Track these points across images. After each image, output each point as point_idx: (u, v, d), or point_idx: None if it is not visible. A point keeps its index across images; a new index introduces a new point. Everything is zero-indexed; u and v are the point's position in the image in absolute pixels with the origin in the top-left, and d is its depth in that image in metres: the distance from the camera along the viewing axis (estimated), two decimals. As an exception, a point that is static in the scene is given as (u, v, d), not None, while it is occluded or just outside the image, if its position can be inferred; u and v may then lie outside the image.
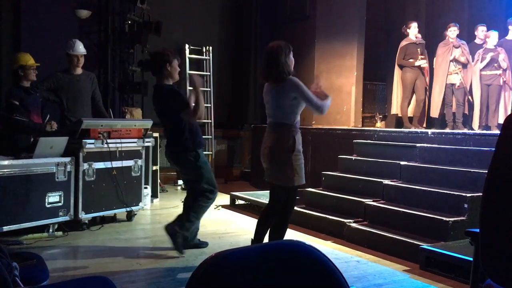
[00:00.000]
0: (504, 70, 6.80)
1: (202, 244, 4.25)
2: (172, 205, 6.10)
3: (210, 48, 8.63)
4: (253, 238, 3.73)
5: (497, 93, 6.85)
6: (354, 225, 4.71)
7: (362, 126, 7.91)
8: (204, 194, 4.02)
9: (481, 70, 6.90)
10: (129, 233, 4.70)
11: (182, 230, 3.93)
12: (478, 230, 1.85)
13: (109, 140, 4.93)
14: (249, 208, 6.11)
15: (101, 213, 5.02)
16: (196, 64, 8.65)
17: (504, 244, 1.62)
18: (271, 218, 3.71)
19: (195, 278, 0.96)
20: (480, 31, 7.07)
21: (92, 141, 4.80)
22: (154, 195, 6.38)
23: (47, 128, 4.87)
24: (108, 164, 4.93)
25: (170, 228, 3.91)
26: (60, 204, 4.57)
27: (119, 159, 5.05)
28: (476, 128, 6.85)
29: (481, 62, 6.87)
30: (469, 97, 7.10)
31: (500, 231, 1.64)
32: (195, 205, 4.00)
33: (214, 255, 1.02)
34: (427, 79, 7.30)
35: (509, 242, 1.61)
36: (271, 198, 3.77)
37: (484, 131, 5.76)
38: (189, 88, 3.94)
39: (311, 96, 3.51)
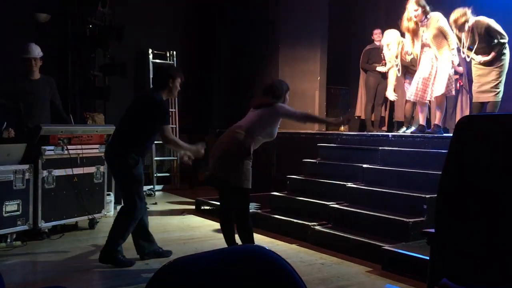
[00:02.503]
0: (461, 75, 7.02)
1: (166, 253, 4.15)
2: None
3: (174, 52, 8.57)
4: (227, 244, 3.90)
5: (454, 97, 7.07)
6: (318, 228, 4.76)
7: (326, 130, 8.02)
8: (127, 209, 3.87)
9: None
10: (91, 241, 4.60)
11: (115, 250, 3.83)
12: (433, 230, 1.91)
13: (69, 146, 4.82)
14: (214, 213, 6.07)
15: (62, 222, 4.89)
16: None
17: (457, 243, 1.68)
18: (229, 218, 3.91)
19: (151, 285, 0.96)
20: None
21: (52, 147, 4.69)
22: (117, 201, 6.24)
23: (4, 135, 4.72)
24: (69, 171, 4.82)
25: (105, 258, 3.82)
26: (18, 213, 4.43)
27: (80, 165, 4.94)
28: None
29: None
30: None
31: (453, 231, 1.70)
32: (119, 225, 3.86)
33: (172, 261, 1.01)
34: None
35: (462, 241, 1.67)
36: (221, 199, 4.02)
37: (442, 134, 5.92)
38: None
39: (291, 110, 3.97)
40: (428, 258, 2.01)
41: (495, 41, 5.31)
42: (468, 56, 5.52)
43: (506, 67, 5.38)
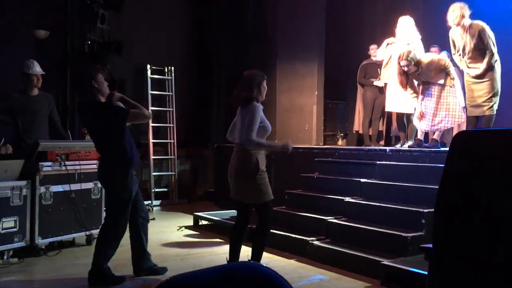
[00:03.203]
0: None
1: (161, 270, 4.07)
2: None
3: (172, 68, 8.62)
4: (228, 258, 3.84)
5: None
6: (316, 242, 4.74)
7: (324, 144, 8.04)
8: (107, 228, 3.87)
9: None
10: (89, 258, 4.54)
11: (102, 270, 3.80)
12: (431, 245, 1.91)
13: (67, 162, 4.81)
14: (212, 229, 6.05)
15: (59, 238, 4.86)
16: (158, 84, 8.61)
17: (454, 258, 1.68)
18: (241, 235, 3.86)
19: (148, 303, 0.95)
20: (432, 51, 7.35)
21: (50, 163, 4.68)
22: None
23: (2, 152, 4.72)
24: (66, 187, 4.81)
25: (93, 280, 3.78)
26: (15, 229, 4.40)
27: (78, 181, 4.93)
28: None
29: None
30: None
31: (450, 245, 1.70)
32: (101, 244, 3.84)
33: (169, 279, 1.01)
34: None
35: (459, 256, 1.67)
36: (237, 215, 3.93)
37: (439, 148, 5.95)
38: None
39: (253, 127, 3.65)
40: (426, 273, 2.00)
41: (486, 47, 5.33)
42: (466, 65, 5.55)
43: (497, 80, 5.39)
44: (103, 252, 3.79)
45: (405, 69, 5.53)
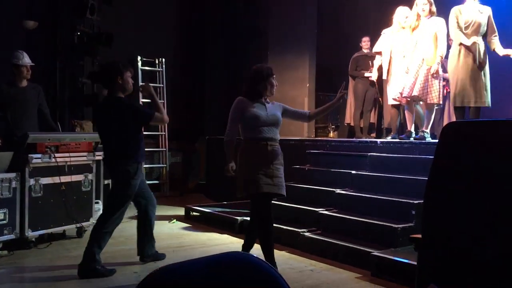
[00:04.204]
0: (447, 82, 7.10)
1: (161, 256, 4.21)
2: (124, 219, 5.94)
3: (163, 60, 8.56)
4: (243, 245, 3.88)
5: (441, 104, 7.13)
6: (308, 234, 4.76)
7: (316, 136, 8.06)
8: (103, 218, 3.89)
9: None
10: (79, 250, 4.54)
11: (94, 260, 3.79)
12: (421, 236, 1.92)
13: (57, 154, 4.78)
14: (204, 221, 6.06)
15: (49, 230, 4.83)
16: (149, 76, 8.55)
17: (443, 248, 1.69)
18: (254, 227, 3.85)
19: (137, 293, 0.95)
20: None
21: (39, 155, 4.64)
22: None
23: (-9, 144, 4.67)
24: (56, 179, 4.77)
25: (84, 272, 3.78)
26: (4, 222, 4.37)
27: (68, 173, 4.90)
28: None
29: None
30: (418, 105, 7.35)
31: (439, 236, 1.71)
32: (96, 235, 3.84)
33: (158, 270, 1.01)
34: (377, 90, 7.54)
35: (448, 246, 1.69)
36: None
37: (430, 140, 5.98)
38: (143, 100, 3.96)
39: (228, 124, 3.70)
40: (416, 263, 2.02)
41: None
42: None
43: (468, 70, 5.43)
44: (98, 242, 3.80)
45: (421, 7, 5.56)
